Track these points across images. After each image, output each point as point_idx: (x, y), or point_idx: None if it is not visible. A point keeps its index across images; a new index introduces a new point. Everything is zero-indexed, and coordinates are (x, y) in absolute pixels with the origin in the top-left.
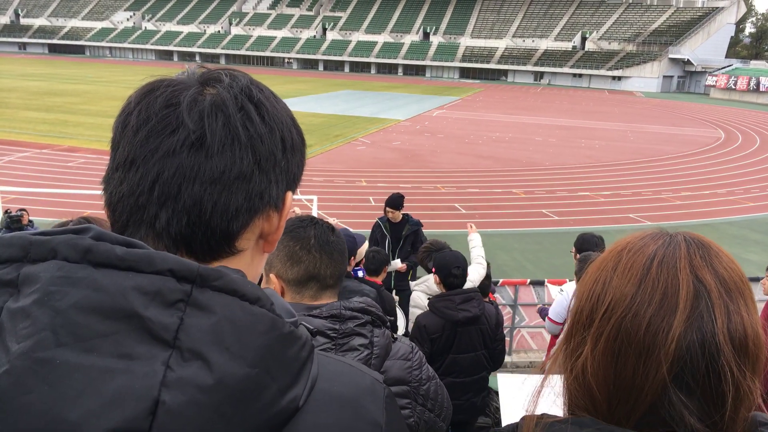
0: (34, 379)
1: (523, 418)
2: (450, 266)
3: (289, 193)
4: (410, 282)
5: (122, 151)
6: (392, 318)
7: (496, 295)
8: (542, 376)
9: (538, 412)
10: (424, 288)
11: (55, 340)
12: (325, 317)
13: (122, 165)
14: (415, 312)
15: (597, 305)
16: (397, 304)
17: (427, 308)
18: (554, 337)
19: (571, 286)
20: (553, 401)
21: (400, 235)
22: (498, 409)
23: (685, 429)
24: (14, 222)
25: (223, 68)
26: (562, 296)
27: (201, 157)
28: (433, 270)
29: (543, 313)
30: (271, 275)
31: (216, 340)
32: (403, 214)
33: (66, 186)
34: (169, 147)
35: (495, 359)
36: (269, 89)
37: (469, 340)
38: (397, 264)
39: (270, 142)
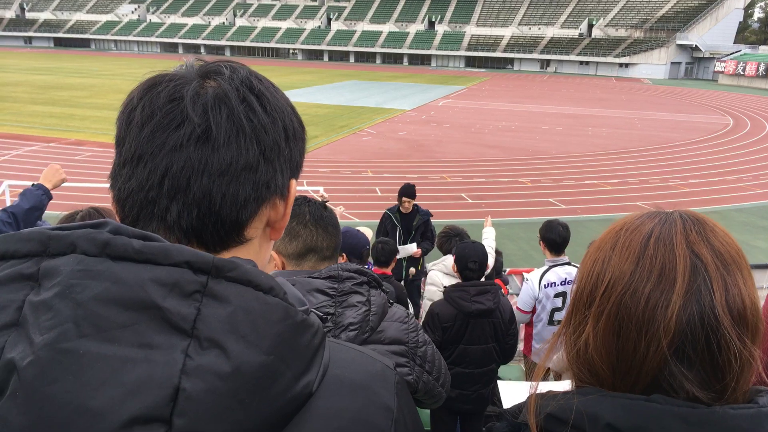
0: (58, 369)
1: (530, 397)
2: (467, 259)
3: (293, 181)
4: (426, 265)
5: (128, 147)
6: (388, 289)
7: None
8: (546, 382)
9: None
10: (441, 267)
11: (77, 331)
12: (324, 278)
13: (129, 161)
14: (431, 289)
15: (597, 284)
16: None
17: (444, 286)
18: (526, 326)
19: (535, 275)
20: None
21: (411, 226)
22: None
23: (686, 396)
24: None
25: (222, 60)
26: (527, 285)
27: (208, 150)
28: (454, 258)
29: None
30: (272, 252)
31: (232, 329)
32: (414, 205)
33: (74, 179)
34: (175, 141)
35: (506, 353)
36: (268, 79)
37: (481, 332)
38: (412, 248)
39: (273, 131)
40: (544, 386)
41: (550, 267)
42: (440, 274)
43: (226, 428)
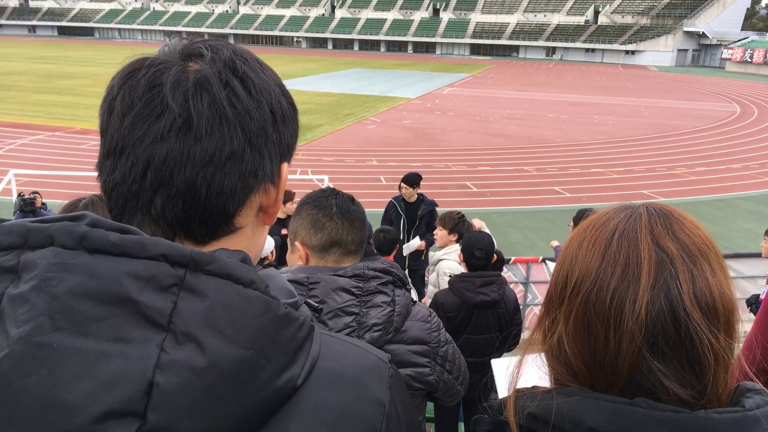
0: (32, 362)
1: (509, 395)
2: (473, 247)
3: (285, 165)
4: (432, 254)
5: (111, 138)
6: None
7: (508, 273)
8: (534, 354)
9: (526, 385)
10: (455, 257)
11: (51, 324)
12: (349, 276)
13: (112, 152)
14: (446, 279)
15: (566, 283)
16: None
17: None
18: None
19: None
20: (539, 376)
21: (416, 215)
22: None
23: (667, 394)
24: (28, 205)
25: (205, 40)
26: None
27: (190, 141)
28: (461, 247)
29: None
30: (296, 243)
31: (209, 324)
32: (419, 194)
33: (78, 168)
34: (156, 133)
35: (508, 342)
36: (254, 58)
37: (485, 323)
38: (416, 243)
39: (259, 116)
40: (529, 382)
41: None
42: (455, 263)
43: (203, 423)
